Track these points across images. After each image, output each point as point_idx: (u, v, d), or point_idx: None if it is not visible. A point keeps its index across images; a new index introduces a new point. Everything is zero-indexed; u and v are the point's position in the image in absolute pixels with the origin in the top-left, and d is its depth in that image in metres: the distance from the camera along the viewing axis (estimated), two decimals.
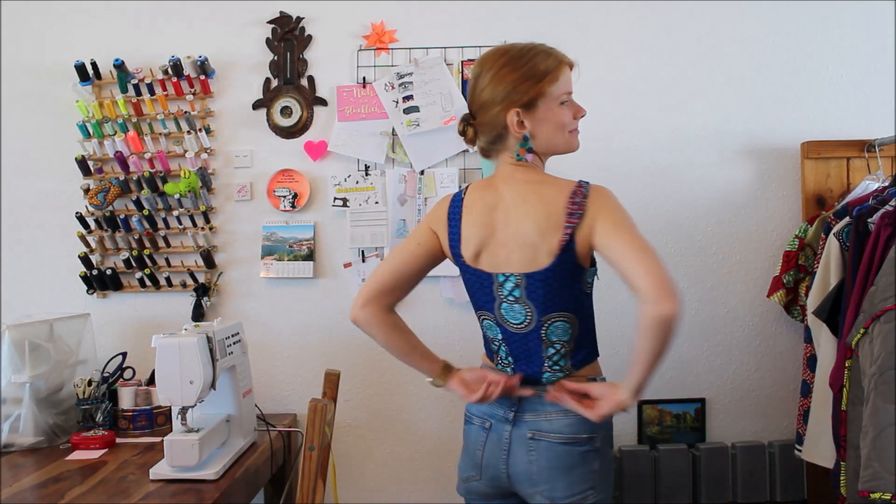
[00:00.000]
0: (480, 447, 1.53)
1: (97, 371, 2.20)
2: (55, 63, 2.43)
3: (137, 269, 2.40)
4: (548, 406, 1.47)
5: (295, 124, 2.41)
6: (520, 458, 1.47)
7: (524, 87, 1.42)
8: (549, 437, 1.45)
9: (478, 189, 1.54)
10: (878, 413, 1.52)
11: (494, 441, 1.51)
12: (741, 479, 2.32)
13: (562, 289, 1.45)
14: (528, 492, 1.48)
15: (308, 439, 1.66)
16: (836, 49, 2.41)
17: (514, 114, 1.43)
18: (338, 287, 2.43)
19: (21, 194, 2.46)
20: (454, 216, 1.53)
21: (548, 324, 1.47)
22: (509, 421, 1.49)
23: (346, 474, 2.44)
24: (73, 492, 1.65)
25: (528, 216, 1.45)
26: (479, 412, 1.55)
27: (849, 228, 1.96)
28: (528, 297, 1.46)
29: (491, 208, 1.48)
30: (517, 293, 1.46)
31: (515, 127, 1.44)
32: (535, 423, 1.47)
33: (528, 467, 1.46)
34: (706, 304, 2.42)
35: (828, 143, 2.36)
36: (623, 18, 2.42)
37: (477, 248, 1.49)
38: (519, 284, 1.46)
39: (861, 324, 1.65)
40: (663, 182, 2.41)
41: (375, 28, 2.40)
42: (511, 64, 1.44)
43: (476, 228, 1.49)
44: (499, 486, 1.53)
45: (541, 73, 1.44)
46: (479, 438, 1.53)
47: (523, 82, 1.43)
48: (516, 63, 1.44)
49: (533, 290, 1.45)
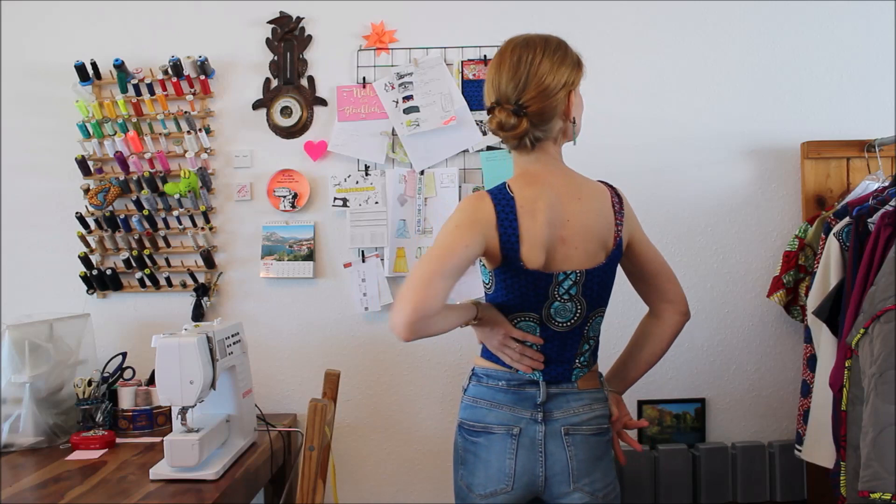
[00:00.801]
0: (511, 455, 1.47)
1: (97, 371, 2.20)
2: (55, 63, 2.43)
3: (137, 269, 2.40)
4: (572, 401, 1.50)
5: (295, 124, 2.41)
6: (558, 457, 1.47)
7: (576, 72, 1.47)
8: (582, 430, 1.48)
9: (527, 186, 1.45)
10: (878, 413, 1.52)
11: (527, 445, 1.46)
12: (741, 479, 2.32)
13: (609, 285, 1.53)
14: (565, 490, 1.47)
15: (308, 439, 1.66)
16: (836, 49, 2.42)
17: (569, 97, 1.46)
18: (338, 287, 2.43)
19: (21, 194, 2.46)
20: (508, 217, 1.41)
21: (591, 320, 1.52)
22: (539, 421, 1.47)
23: (346, 474, 2.44)
24: (73, 492, 1.64)
25: (593, 211, 1.47)
26: (499, 420, 1.48)
27: (849, 228, 1.96)
28: (583, 294, 1.47)
29: (552, 205, 1.43)
30: (574, 291, 1.46)
31: (569, 110, 1.47)
32: (566, 418, 1.48)
33: (567, 464, 1.47)
34: (706, 304, 2.42)
35: (828, 144, 2.36)
36: (622, 19, 2.42)
37: (546, 248, 1.42)
38: (577, 282, 1.45)
39: (861, 324, 1.65)
40: (663, 182, 2.41)
41: (375, 28, 2.40)
42: (563, 50, 1.47)
43: (545, 228, 1.42)
44: (531, 493, 1.49)
45: (577, 59, 1.48)
46: (507, 447, 1.47)
47: (576, 67, 1.47)
48: (567, 50, 1.48)
49: (589, 287, 1.47)
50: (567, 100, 1.45)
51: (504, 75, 1.44)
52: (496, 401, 1.49)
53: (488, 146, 2.38)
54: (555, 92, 1.43)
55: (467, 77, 2.39)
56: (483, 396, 1.50)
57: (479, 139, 2.38)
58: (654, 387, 2.40)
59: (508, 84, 1.43)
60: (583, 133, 1.58)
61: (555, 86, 1.43)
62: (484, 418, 1.49)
